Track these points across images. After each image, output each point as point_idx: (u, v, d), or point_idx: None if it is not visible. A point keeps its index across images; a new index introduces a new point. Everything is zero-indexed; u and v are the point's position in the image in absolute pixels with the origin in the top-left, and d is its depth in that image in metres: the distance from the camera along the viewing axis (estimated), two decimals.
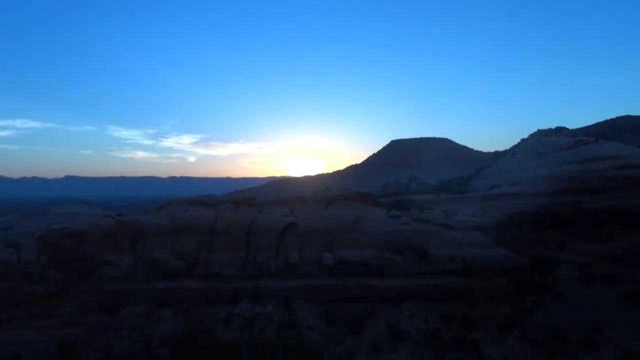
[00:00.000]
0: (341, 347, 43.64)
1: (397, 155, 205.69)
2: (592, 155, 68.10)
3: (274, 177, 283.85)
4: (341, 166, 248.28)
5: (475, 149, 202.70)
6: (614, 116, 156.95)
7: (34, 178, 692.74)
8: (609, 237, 54.12)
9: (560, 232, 58.23)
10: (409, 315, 48.83)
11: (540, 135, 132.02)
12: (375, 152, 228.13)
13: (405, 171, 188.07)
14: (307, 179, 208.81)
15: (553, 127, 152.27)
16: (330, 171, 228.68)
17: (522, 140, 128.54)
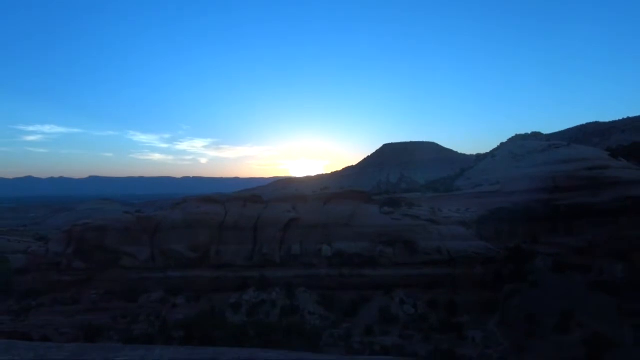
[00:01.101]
0: (338, 330, 43.75)
1: (389, 157, 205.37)
2: (563, 158, 68.33)
3: (278, 177, 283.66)
4: (339, 167, 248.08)
5: (459, 151, 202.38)
6: (584, 122, 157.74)
7: (61, 178, 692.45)
8: (579, 231, 54.37)
9: (535, 226, 58.52)
10: (399, 302, 48.94)
11: (518, 140, 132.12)
12: (370, 154, 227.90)
13: (396, 172, 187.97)
14: (308, 179, 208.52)
15: (530, 132, 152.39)
16: (329, 172, 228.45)
17: (502, 144, 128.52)
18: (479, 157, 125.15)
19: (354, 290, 51.65)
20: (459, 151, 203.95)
